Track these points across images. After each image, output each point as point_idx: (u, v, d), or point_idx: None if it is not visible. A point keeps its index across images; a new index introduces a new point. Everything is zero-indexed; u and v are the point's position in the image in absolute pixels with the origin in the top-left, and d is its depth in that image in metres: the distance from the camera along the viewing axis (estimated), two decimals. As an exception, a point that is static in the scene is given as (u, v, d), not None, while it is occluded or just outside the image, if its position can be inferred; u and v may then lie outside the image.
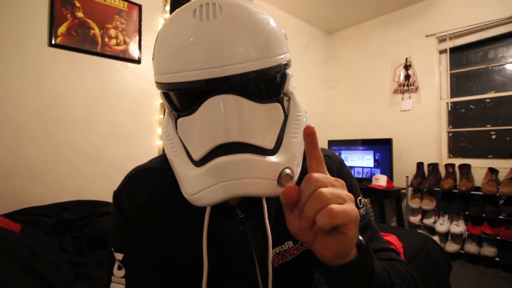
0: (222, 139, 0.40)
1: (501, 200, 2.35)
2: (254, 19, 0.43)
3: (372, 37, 3.42)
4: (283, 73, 0.47)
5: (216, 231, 0.50)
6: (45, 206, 1.60)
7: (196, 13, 0.41)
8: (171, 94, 0.47)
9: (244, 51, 0.41)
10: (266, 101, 0.44)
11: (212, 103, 0.41)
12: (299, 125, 0.48)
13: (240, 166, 0.40)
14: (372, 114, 3.35)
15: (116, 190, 0.53)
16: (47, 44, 1.79)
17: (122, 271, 0.49)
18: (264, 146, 0.43)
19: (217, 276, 0.50)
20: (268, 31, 0.44)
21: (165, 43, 0.45)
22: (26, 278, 0.78)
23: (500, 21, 2.52)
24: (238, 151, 0.40)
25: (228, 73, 0.40)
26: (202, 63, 0.40)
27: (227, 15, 0.41)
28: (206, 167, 0.41)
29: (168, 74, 0.43)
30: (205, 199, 0.42)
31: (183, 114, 0.45)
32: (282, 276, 0.53)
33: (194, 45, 0.41)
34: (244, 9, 0.43)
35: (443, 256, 1.56)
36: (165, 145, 0.50)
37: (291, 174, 0.43)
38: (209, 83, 0.41)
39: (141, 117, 2.21)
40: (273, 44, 0.44)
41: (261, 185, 0.41)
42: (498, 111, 2.64)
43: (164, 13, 2.33)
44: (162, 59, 0.45)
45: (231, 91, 0.41)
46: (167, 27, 0.46)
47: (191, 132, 0.44)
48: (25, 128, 1.71)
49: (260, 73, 0.42)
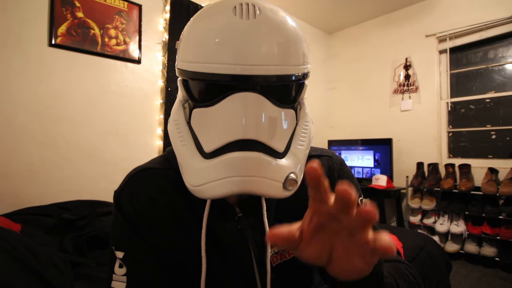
0: (240, 135, 0.41)
1: (501, 200, 2.35)
2: (286, 27, 0.45)
3: (372, 37, 3.42)
4: (302, 83, 0.49)
5: (215, 230, 0.51)
6: (45, 206, 1.60)
7: (236, 10, 0.43)
8: (192, 83, 0.47)
9: (271, 55, 0.42)
10: (284, 106, 0.46)
11: (236, 98, 0.42)
12: (306, 133, 0.50)
13: (252, 164, 0.41)
14: (372, 114, 3.35)
15: (117, 189, 0.53)
16: (47, 44, 1.79)
17: (123, 269, 0.49)
18: (276, 149, 0.44)
19: (216, 274, 0.51)
20: (295, 40, 0.46)
21: (198, 32, 0.45)
22: (26, 278, 0.78)
23: (500, 21, 2.52)
24: (252, 148, 0.41)
25: (254, 73, 0.41)
26: (232, 58, 0.41)
27: (264, 18, 0.43)
28: (219, 159, 0.42)
29: (195, 63, 0.44)
30: (211, 191, 0.42)
31: (201, 105, 0.45)
32: (281, 275, 0.53)
33: (228, 40, 0.42)
34: (278, 16, 0.45)
35: (443, 256, 1.56)
36: (172, 133, 0.50)
37: (296, 179, 0.44)
38: (235, 79, 0.42)
39: (141, 117, 2.21)
40: (298, 53, 0.46)
41: (269, 186, 0.42)
42: (498, 111, 2.64)
43: (164, 13, 2.33)
44: (191, 47, 0.45)
45: (253, 90, 0.42)
46: (203, 17, 0.46)
47: (207, 123, 0.45)
48: (25, 128, 1.71)
49: (283, 78, 0.44)
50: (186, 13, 2.37)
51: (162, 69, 2.33)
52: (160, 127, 2.30)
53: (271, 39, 0.43)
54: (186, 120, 0.48)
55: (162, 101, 2.31)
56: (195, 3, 2.44)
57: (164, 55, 2.33)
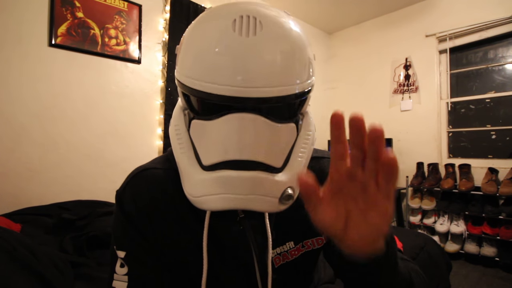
0: (236, 155, 0.41)
1: (501, 200, 2.35)
2: (291, 41, 0.43)
3: (372, 37, 3.42)
4: (305, 97, 0.48)
5: (216, 231, 0.51)
6: (45, 206, 1.60)
7: (235, 25, 0.40)
8: (191, 96, 0.46)
9: (272, 76, 0.41)
10: (284, 121, 0.45)
11: (232, 119, 0.41)
12: (307, 144, 0.48)
13: (248, 183, 0.41)
14: (372, 114, 3.35)
15: (119, 189, 0.53)
16: (47, 44, 1.79)
17: (125, 268, 0.49)
18: (273, 165, 0.44)
19: (217, 274, 0.51)
20: (300, 56, 0.44)
21: (196, 43, 0.44)
22: (26, 278, 0.78)
23: (500, 21, 2.52)
24: (248, 168, 0.41)
25: (252, 95, 0.40)
26: (230, 80, 0.40)
27: (266, 34, 0.41)
28: (214, 175, 0.42)
29: (192, 79, 0.42)
30: (207, 204, 0.43)
31: (200, 118, 0.45)
32: (283, 277, 0.53)
33: (226, 60, 0.40)
34: (282, 28, 0.42)
35: (443, 256, 1.56)
36: (172, 138, 0.50)
37: (292, 194, 0.44)
38: (232, 100, 0.40)
39: (141, 117, 2.21)
40: (302, 69, 0.44)
41: (264, 202, 0.42)
42: (498, 111, 2.64)
43: (164, 13, 2.33)
44: (189, 61, 0.44)
45: (252, 110, 0.41)
46: (203, 26, 0.45)
47: (205, 137, 0.44)
48: (24, 128, 1.71)
49: (284, 98, 0.42)
50: (186, 13, 2.37)
51: (162, 69, 2.32)
52: (160, 127, 2.30)
53: (273, 58, 0.41)
54: (186, 127, 0.48)
55: (162, 101, 2.31)
56: (195, 3, 2.44)
57: (164, 55, 2.33)
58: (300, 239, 0.55)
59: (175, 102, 0.47)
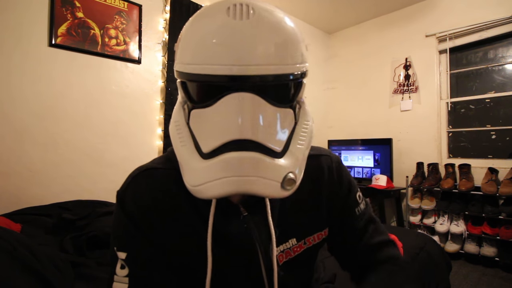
0: (236, 135, 0.41)
1: (501, 200, 2.35)
2: (281, 26, 0.45)
3: (372, 37, 3.43)
4: (300, 82, 0.49)
5: (220, 229, 0.51)
6: (45, 206, 1.60)
7: (229, 11, 0.42)
8: (190, 85, 0.47)
9: (267, 54, 0.42)
10: (281, 106, 0.46)
11: (231, 99, 0.42)
12: (306, 133, 0.49)
13: (249, 164, 0.41)
14: (372, 114, 3.35)
15: (120, 189, 0.53)
16: (47, 44, 1.79)
17: (125, 270, 0.49)
18: (273, 148, 0.44)
19: (222, 273, 0.51)
20: (292, 39, 0.45)
21: (194, 34, 0.45)
22: (26, 278, 0.78)
23: (500, 21, 2.52)
24: (249, 149, 0.41)
25: (250, 73, 0.41)
26: (228, 59, 0.41)
27: (258, 18, 0.43)
28: (215, 160, 0.42)
29: (192, 65, 0.44)
30: (209, 191, 0.42)
31: (199, 106, 0.46)
32: (286, 273, 0.54)
33: (223, 41, 0.42)
34: (274, 15, 0.45)
35: (443, 256, 1.56)
36: (172, 134, 0.50)
37: (294, 178, 0.44)
38: (231, 80, 0.42)
39: (141, 117, 2.21)
40: (294, 52, 0.45)
41: (266, 185, 0.42)
42: (498, 111, 2.64)
43: (164, 13, 2.33)
44: (188, 49, 0.45)
45: (250, 90, 0.42)
46: (199, 19, 0.47)
47: (204, 124, 0.45)
48: (25, 128, 1.71)
49: (280, 77, 0.44)
50: (186, 13, 2.37)
51: (162, 69, 2.33)
52: (160, 127, 2.30)
53: (267, 38, 0.43)
54: (186, 121, 0.49)
55: (162, 101, 2.31)
56: (195, 3, 2.44)
57: (164, 55, 2.33)
58: (302, 236, 0.56)
59: (175, 102, 0.47)
